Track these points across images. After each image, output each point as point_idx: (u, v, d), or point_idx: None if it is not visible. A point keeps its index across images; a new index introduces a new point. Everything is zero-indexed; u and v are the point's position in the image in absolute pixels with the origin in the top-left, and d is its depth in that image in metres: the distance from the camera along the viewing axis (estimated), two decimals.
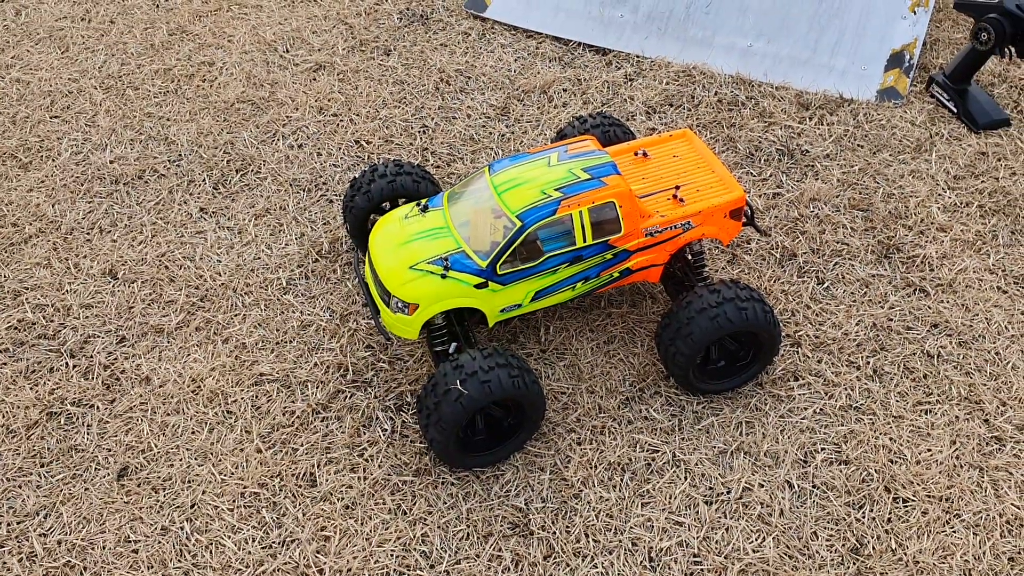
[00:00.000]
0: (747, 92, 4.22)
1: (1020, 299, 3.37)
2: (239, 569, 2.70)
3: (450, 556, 2.73)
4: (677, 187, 3.06)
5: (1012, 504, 2.82)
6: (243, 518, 2.82)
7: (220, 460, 2.95)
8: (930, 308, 3.35)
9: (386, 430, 3.02)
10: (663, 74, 4.32)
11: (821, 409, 3.07)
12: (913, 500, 2.84)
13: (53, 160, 3.98)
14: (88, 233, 3.68)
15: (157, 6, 4.83)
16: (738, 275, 3.47)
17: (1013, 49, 3.70)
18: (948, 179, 3.81)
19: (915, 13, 4.40)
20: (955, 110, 4.05)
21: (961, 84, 4.05)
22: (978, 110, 3.99)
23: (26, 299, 3.42)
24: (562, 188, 2.81)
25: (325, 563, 2.71)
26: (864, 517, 2.81)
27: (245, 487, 2.89)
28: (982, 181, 3.79)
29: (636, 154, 3.19)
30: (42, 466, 2.96)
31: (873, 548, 2.74)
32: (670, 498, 2.85)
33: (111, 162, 3.97)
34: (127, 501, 2.87)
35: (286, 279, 3.49)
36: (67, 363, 3.22)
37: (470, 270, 2.81)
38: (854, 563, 2.71)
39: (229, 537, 2.77)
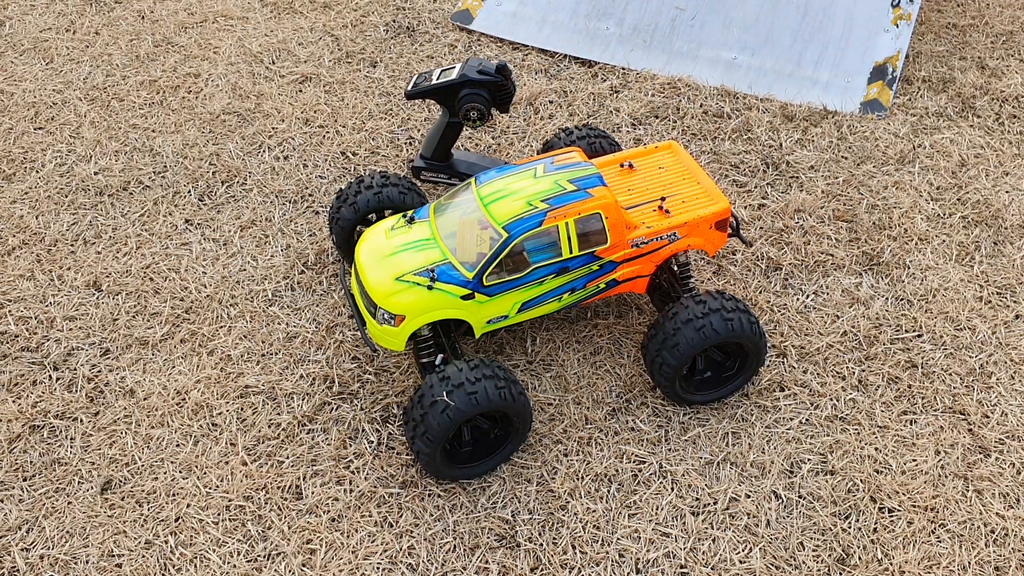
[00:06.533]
0: (732, 104, 4.24)
1: (1003, 309, 3.40)
2: None
3: (437, 569, 2.71)
4: (663, 199, 3.07)
5: (996, 514, 2.84)
6: (228, 531, 2.80)
7: (205, 473, 2.93)
8: (914, 318, 3.37)
9: (372, 442, 3.00)
10: (648, 86, 4.34)
11: (807, 419, 3.08)
12: (899, 510, 2.85)
13: (37, 171, 3.96)
14: (72, 245, 3.66)
15: (143, 17, 4.81)
16: (724, 286, 3.49)
17: (496, 110, 3.55)
18: (931, 190, 3.84)
19: (897, 26, 4.45)
20: (452, 181, 3.75)
21: (445, 159, 3.73)
22: (469, 168, 3.73)
23: (9, 311, 3.39)
24: (548, 199, 2.81)
25: None
26: (850, 527, 2.81)
27: (230, 500, 2.87)
28: (964, 192, 3.83)
29: (622, 166, 3.20)
30: (24, 480, 2.93)
31: (859, 558, 2.74)
32: (657, 509, 2.85)
33: (95, 173, 3.95)
34: (111, 515, 2.84)
35: (272, 291, 3.47)
36: (50, 376, 3.20)
37: (456, 281, 2.81)
38: (840, 574, 2.71)
39: (214, 551, 2.75)
